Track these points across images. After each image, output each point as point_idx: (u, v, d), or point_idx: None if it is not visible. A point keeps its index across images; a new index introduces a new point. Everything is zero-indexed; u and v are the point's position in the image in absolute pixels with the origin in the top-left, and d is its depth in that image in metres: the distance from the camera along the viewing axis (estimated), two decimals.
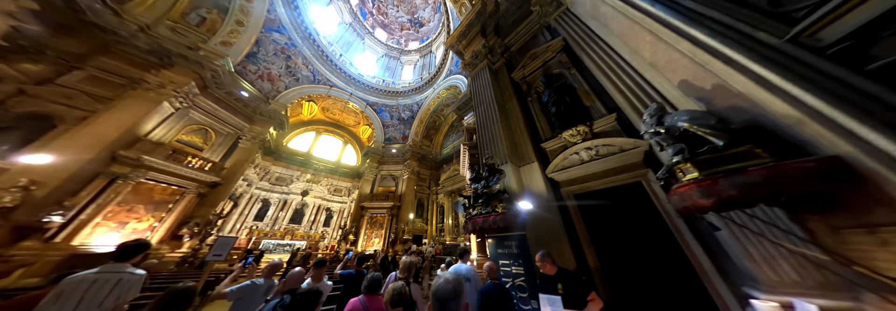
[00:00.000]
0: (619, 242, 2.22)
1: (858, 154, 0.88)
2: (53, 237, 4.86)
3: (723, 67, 1.27)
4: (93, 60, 6.15)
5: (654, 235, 2.02)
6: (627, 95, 2.47)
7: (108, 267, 1.47)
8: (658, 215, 2.06)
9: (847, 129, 0.89)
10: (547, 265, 1.75)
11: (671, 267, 1.84)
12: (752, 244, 1.38)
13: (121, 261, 1.53)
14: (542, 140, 3.41)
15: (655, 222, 2.04)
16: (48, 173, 4.80)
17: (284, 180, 12.59)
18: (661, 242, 1.96)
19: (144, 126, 6.34)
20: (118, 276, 1.45)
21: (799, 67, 1.05)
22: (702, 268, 1.71)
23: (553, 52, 4.04)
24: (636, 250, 2.09)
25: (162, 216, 6.43)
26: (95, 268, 1.46)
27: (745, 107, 1.29)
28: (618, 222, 2.30)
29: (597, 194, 2.57)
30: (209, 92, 8.14)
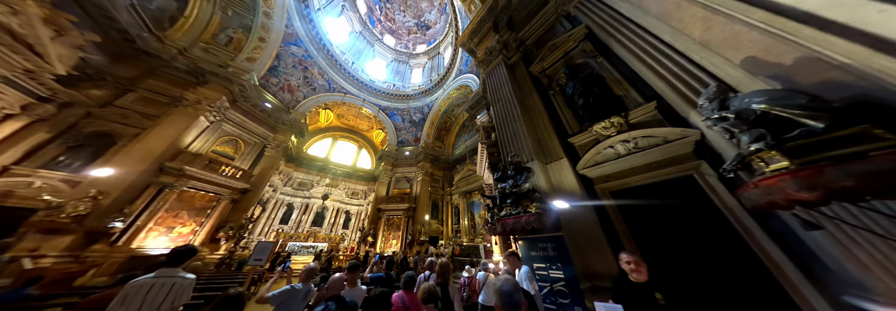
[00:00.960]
0: (668, 243, 1.98)
1: None
2: (116, 241, 5.45)
3: (816, 33, 1.06)
4: (142, 82, 6.89)
5: (713, 235, 1.77)
6: (670, 80, 2.23)
7: (163, 272, 1.56)
8: (717, 212, 1.80)
9: None
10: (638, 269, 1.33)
11: (737, 272, 1.59)
12: (860, 246, 1.13)
13: (173, 266, 1.63)
14: (570, 135, 3.19)
15: (713, 221, 1.78)
16: (111, 184, 5.41)
17: (306, 185, 13.22)
18: (722, 243, 1.71)
19: (185, 139, 6.96)
20: (172, 280, 1.54)
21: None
22: (783, 274, 1.45)
23: (575, 41, 3.81)
24: (691, 252, 1.84)
25: (202, 221, 6.98)
26: (152, 273, 1.55)
27: (847, 81, 1.06)
28: (665, 222, 2.05)
29: (637, 190, 2.33)
30: (238, 105, 8.78)
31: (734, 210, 1.71)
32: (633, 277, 1.35)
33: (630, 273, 1.36)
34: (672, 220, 2.02)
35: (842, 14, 0.94)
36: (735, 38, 1.52)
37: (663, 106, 2.39)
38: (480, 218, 9.36)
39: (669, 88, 2.24)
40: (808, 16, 1.06)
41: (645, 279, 1.32)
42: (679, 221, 1.98)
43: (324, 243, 10.54)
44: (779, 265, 1.46)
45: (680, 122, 2.21)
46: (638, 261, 1.36)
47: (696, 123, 2.01)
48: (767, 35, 1.30)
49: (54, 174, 5.25)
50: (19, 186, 4.92)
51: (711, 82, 1.87)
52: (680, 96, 2.13)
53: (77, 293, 3.46)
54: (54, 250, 4.56)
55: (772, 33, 1.26)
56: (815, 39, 1.08)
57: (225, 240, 7.08)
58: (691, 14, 1.78)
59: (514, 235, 2.65)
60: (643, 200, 2.23)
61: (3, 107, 4.87)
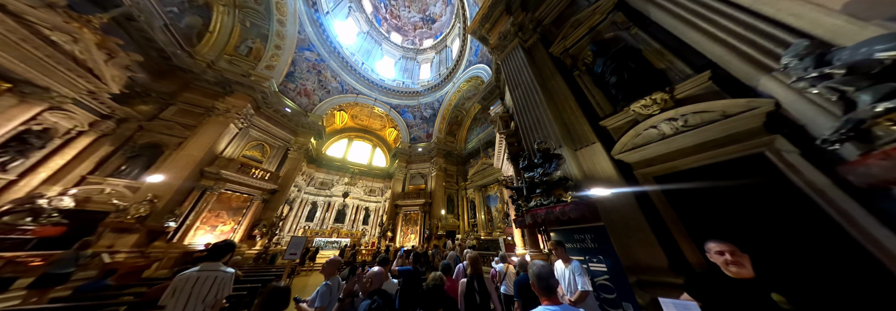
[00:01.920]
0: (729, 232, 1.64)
1: None
2: (172, 239, 6.18)
3: None
4: (180, 96, 7.60)
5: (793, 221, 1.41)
6: (731, 43, 1.83)
7: (206, 266, 1.65)
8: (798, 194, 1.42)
9: None
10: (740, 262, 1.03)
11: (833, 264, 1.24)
12: None
13: (215, 260, 1.70)
14: (601, 118, 2.85)
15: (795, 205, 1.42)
16: (163, 189, 6.10)
17: (327, 184, 13.95)
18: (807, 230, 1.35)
19: (219, 145, 7.60)
20: (215, 274, 1.63)
21: None
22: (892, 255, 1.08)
23: (603, 13, 3.37)
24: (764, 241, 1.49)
25: (239, 220, 7.66)
26: (197, 266, 1.65)
27: None
28: (726, 207, 1.70)
29: (687, 174, 1.99)
30: (261, 111, 9.37)
31: (826, 192, 1.34)
32: (732, 271, 1.04)
33: (725, 267, 1.06)
34: (734, 205, 1.67)
35: None
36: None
37: (720, 75, 1.99)
38: (497, 212, 9.15)
39: (730, 53, 1.84)
40: None
41: (750, 274, 1.01)
42: (743, 206, 1.63)
43: (346, 239, 11.12)
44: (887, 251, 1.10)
45: (744, 92, 1.81)
46: (735, 251, 1.05)
47: (770, 91, 1.61)
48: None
49: (119, 182, 6.04)
50: (94, 192, 5.74)
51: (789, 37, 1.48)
52: (746, 61, 1.74)
53: (144, 284, 3.95)
54: (125, 246, 5.28)
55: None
56: None
57: (260, 237, 7.72)
58: None
59: (547, 226, 2.44)
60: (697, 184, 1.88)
61: (76, 125, 5.65)
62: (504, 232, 7.84)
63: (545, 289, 1.04)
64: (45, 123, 5.21)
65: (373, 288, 1.41)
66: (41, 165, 5.23)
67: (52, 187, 5.31)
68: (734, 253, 1.05)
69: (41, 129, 5.19)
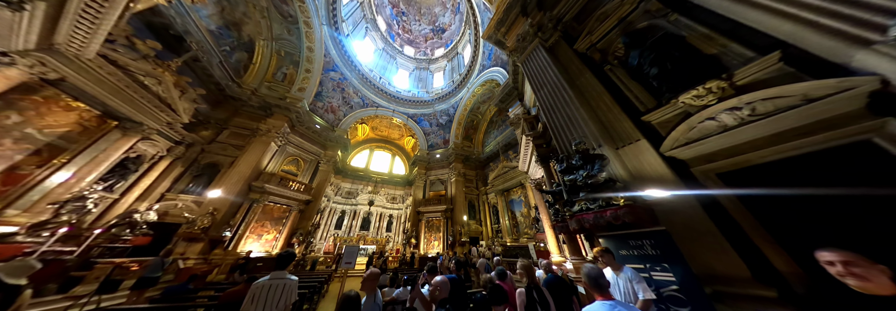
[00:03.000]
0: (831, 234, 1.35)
1: None
2: (228, 247, 7.00)
3: None
4: (231, 121, 8.81)
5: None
6: (805, 17, 1.57)
7: (275, 274, 1.82)
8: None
9: None
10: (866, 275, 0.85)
11: None
12: None
13: (282, 268, 1.87)
14: (642, 113, 2.62)
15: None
16: (220, 203, 7.00)
17: (352, 193, 14.75)
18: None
19: (263, 162, 8.56)
20: (282, 281, 1.80)
21: None
22: None
23: (632, 3, 3.17)
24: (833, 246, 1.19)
25: (280, 229, 8.42)
26: (267, 275, 1.82)
27: None
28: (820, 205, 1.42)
29: (762, 169, 1.71)
30: (296, 129, 10.40)
31: None
32: (854, 285, 0.86)
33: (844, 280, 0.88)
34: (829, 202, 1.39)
35: None
36: None
37: (793, 55, 1.71)
38: (523, 217, 8.73)
39: (807, 29, 1.58)
40: None
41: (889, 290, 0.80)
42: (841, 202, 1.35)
43: (372, 246, 11.50)
44: None
45: (828, 71, 1.53)
46: (856, 261, 0.87)
47: (872, 67, 1.35)
48: None
49: (188, 197, 7.09)
50: (170, 207, 6.80)
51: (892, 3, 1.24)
52: (830, 36, 1.48)
53: (211, 288, 4.50)
54: (193, 253, 6.11)
55: None
56: None
57: (298, 244, 8.36)
58: None
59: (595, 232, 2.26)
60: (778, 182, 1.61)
61: (158, 151, 6.85)
62: (533, 238, 7.42)
63: (597, 287, 1.20)
64: (138, 151, 6.40)
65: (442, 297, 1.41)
66: (135, 185, 6.39)
67: (141, 204, 6.42)
68: (851, 263, 0.86)
69: (136, 156, 6.38)
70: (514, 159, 9.90)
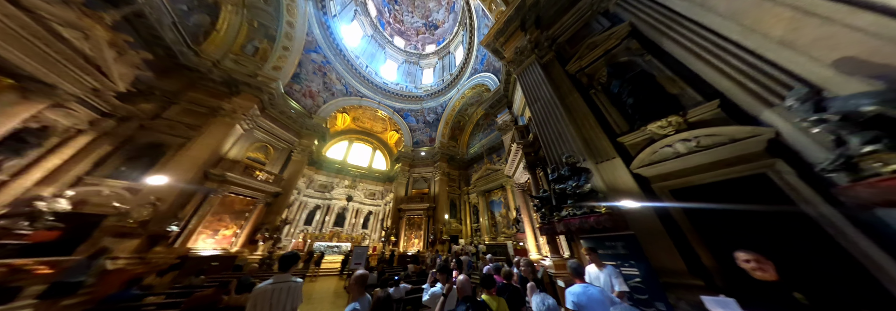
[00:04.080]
0: (739, 239, 1.96)
1: None
2: (173, 244, 5.93)
3: None
4: (184, 95, 7.39)
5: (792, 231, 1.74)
6: (737, 78, 2.20)
7: (278, 277, 1.73)
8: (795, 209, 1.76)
9: None
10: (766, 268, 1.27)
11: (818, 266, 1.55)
12: None
13: (285, 271, 1.78)
14: (618, 134, 3.18)
15: (791, 218, 1.75)
16: (166, 191, 5.88)
17: (326, 186, 13.72)
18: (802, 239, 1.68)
19: (224, 147, 7.42)
20: (287, 284, 1.72)
21: None
22: (880, 269, 1.41)
23: (618, 38, 3.75)
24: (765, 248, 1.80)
25: (242, 224, 7.44)
26: (270, 279, 1.72)
27: None
28: (735, 218, 2.03)
29: (701, 189, 2.31)
30: (267, 113, 9.22)
31: (818, 207, 1.68)
32: (758, 275, 1.27)
33: (752, 272, 1.29)
34: (742, 216, 2.00)
35: None
36: (830, 39, 1.49)
37: (727, 104, 2.35)
38: (501, 217, 9.40)
39: (737, 87, 2.21)
40: None
41: (774, 277, 1.24)
42: (750, 217, 1.96)
43: (347, 243, 10.93)
44: (875, 261, 1.43)
45: (748, 120, 2.17)
46: (761, 259, 1.29)
47: (771, 122, 1.97)
48: (874, 37, 1.27)
49: (118, 183, 5.77)
50: (91, 194, 5.45)
51: (788, 80, 1.84)
52: (750, 95, 2.10)
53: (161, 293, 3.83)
54: (125, 252, 5.04)
55: (882, 36, 1.23)
56: None
57: (262, 241, 7.51)
58: (774, 14, 1.75)
59: (577, 234, 2.68)
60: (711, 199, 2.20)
61: (76, 123, 5.39)
62: (512, 237, 8.07)
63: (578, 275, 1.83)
64: (44, 121, 4.95)
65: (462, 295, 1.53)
66: (36, 165, 4.94)
67: (46, 189, 5.00)
68: (760, 260, 1.31)
69: (39, 127, 4.92)
70: (497, 162, 10.51)
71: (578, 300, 1.64)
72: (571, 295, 1.68)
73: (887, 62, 1.29)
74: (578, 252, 2.93)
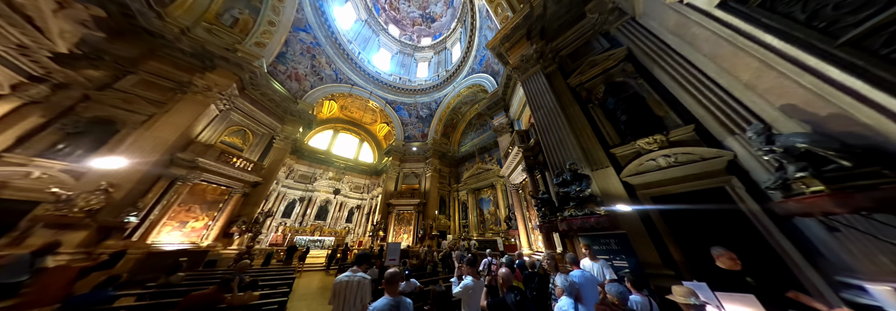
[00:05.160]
0: (700, 238, 2.55)
1: None
2: (130, 236, 5.16)
3: (853, 102, 1.55)
4: (144, 64, 6.25)
5: (738, 233, 2.36)
6: (710, 109, 2.75)
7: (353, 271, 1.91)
8: (742, 216, 2.38)
9: None
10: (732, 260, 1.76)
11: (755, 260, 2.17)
12: (855, 242, 1.70)
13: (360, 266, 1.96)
14: (611, 146, 3.68)
15: (739, 222, 2.37)
16: (122, 176, 5.04)
17: (308, 177, 12.86)
18: (744, 239, 2.30)
19: (196, 129, 6.53)
20: (358, 278, 1.88)
21: None
22: (792, 261, 2.04)
23: (615, 60, 4.23)
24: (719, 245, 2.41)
25: (214, 215, 6.72)
26: (347, 272, 1.88)
27: (866, 134, 1.58)
28: (698, 222, 2.63)
29: (675, 197, 2.89)
30: (246, 93, 8.26)
31: (757, 214, 2.29)
32: (727, 265, 1.77)
33: (723, 263, 1.78)
34: (704, 220, 2.59)
35: (879, 96, 1.43)
36: (781, 89, 2.02)
37: (700, 129, 2.94)
38: (490, 214, 9.98)
39: (709, 116, 2.78)
40: (852, 91, 1.55)
41: (739, 268, 1.74)
42: (710, 221, 2.56)
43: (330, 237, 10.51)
44: (790, 255, 2.06)
45: (714, 143, 2.76)
46: (732, 255, 1.78)
47: (731, 147, 2.56)
48: (811, 93, 1.80)
49: (53, 164, 4.77)
50: (15, 176, 4.43)
51: (748, 116, 2.42)
52: (719, 124, 2.67)
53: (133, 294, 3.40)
54: (69, 246, 4.27)
55: (816, 94, 1.76)
56: (850, 105, 1.59)
57: (238, 235, 6.90)
58: (745, 63, 2.26)
59: (576, 232, 3.11)
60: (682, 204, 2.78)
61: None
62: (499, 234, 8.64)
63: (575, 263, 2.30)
64: None
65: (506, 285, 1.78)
66: None
67: None
68: (730, 256, 1.81)
69: None
70: (489, 161, 10.99)
71: (577, 280, 2.09)
72: (572, 276, 2.13)
73: (815, 112, 1.83)
74: (574, 247, 3.38)
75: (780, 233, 2.15)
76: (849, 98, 1.58)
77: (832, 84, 1.63)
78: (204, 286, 3.65)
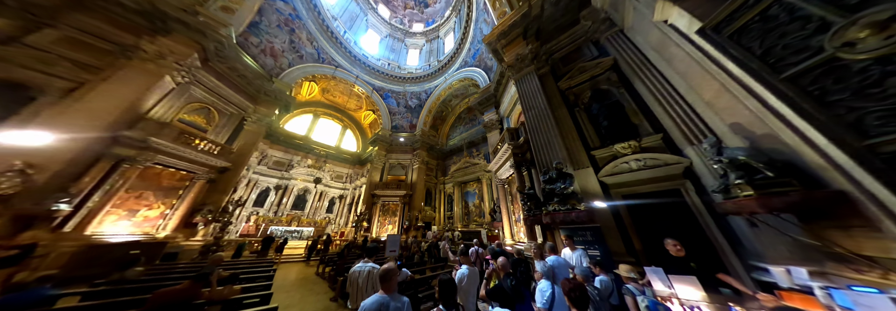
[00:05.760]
0: (658, 231, 3.05)
1: (853, 190, 1.62)
2: (61, 227, 4.40)
3: (781, 125, 1.95)
4: (67, 16, 5.01)
5: (686, 227, 2.88)
6: (677, 121, 3.18)
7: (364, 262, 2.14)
8: (690, 213, 2.90)
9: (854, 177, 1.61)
10: (679, 249, 2.27)
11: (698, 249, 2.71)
12: (765, 235, 2.21)
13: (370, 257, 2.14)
14: (592, 148, 4.09)
15: (687, 218, 2.89)
16: (47, 156, 4.18)
17: (283, 164, 11.91)
18: (690, 231, 2.82)
19: (146, 102, 5.57)
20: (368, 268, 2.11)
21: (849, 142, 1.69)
22: (722, 249, 2.58)
23: (602, 69, 4.56)
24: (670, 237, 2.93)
25: (173, 203, 5.99)
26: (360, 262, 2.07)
27: (785, 152, 2.01)
28: (657, 217, 3.13)
29: (641, 195, 3.37)
30: (211, 66, 7.17)
31: (702, 212, 2.80)
32: (675, 252, 2.23)
33: (672, 251, 2.23)
34: (661, 216, 3.09)
35: (799, 123, 1.82)
36: (733, 109, 2.42)
37: (666, 138, 3.40)
38: (474, 207, 10.42)
39: (675, 127, 3.21)
40: (782, 116, 1.94)
41: (683, 254, 2.23)
42: (665, 217, 3.06)
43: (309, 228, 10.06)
44: (720, 244, 2.59)
45: (676, 151, 3.24)
46: (678, 244, 2.24)
47: (689, 155, 3.03)
48: (753, 115, 2.20)
49: None
50: None
51: (705, 130, 2.86)
52: (682, 134, 3.11)
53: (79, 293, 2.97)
54: None
55: (756, 116, 2.16)
56: (778, 128, 1.98)
57: (204, 224, 6.28)
58: (708, 83, 2.64)
59: (558, 225, 3.47)
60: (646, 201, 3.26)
61: None
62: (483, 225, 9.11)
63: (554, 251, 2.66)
64: None
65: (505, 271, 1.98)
66: None
67: None
68: (677, 245, 2.24)
69: None
70: (476, 156, 11.27)
71: (553, 263, 2.48)
72: (549, 260, 2.52)
73: (754, 131, 2.26)
74: (554, 238, 3.78)
75: (717, 228, 2.67)
76: (778, 122, 1.97)
77: (769, 109, 2.01)
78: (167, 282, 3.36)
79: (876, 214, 1.54)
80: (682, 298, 1.82)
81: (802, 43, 1.57)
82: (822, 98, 1.52)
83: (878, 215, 1.53)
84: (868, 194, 1.55)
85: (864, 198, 1.57)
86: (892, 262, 1.51)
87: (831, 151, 1.62)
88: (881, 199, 1.47)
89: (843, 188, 1.68)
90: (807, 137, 1.81)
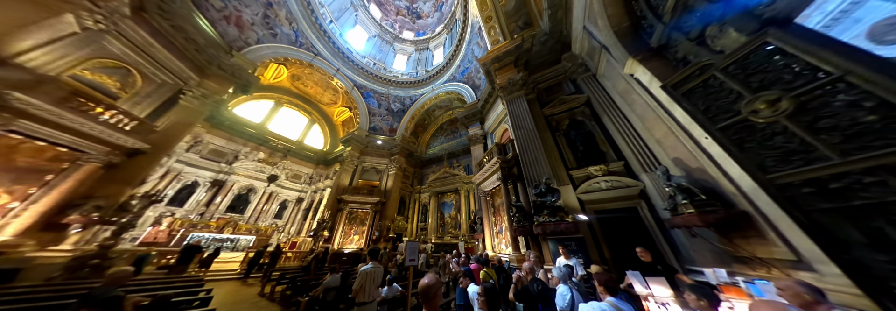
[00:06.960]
0: (622, 241, 3.68)
1: (751, 210, 2.37)
2: None
3: (708, 162, 2.74)
4: None
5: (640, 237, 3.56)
6: (635, 152, 4.05)
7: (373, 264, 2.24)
8: (644, 226, 3.62)
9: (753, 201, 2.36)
10: (647, 255, 2.71)
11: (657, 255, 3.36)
12: (697, 244, 2.94)
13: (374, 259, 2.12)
14: (571, 168, 4.77)
15: (641, 230, 3.59)
16: None
17: (223, 154, 9.56)
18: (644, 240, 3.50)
19: (17, 42, 3.90)
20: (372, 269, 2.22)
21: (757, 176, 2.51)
22: (667, 254, 3.27)
23: (578, 103, 5.53)
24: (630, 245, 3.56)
25: (29, 193, 4.06)
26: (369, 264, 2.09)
27: (710, 182, 2.81)
28: (621, 230, 3.78)
29: (609, 211, 4.04)
30: (144, 17, 5.61)
31: (653, 225, 3.53)
32: (644, 258, 2.72)
33: (641, 257, 2.72)
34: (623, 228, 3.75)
35: (723, 161, 2.60)
36: (675, 146, 3.27)
37: (627, 165, 4.25)
38: (450, 218, 10.27)
39: (633, 156, 4.08)
40: (709, 155, 2.74)
41: (650, 260, 2.71)
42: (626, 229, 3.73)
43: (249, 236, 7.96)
44: (665, 250, 3.28)
45: (634, 176, 4.06)
46: (645, 251, 2.75)
47: (643, 180, 3.85)
48: (689, 152, 3.03)
49: None
50: None
51: (654, 161, 3.73)
52: (638, 163, 3.96)
53: None
54: None
55: (691, 153, 2.98)
56: (707, 163, 2.79)
57: (81, 227, 4.38)
58: (659, 125, 3.52)
59: (548, 235, 3.77)
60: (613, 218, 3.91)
61: None
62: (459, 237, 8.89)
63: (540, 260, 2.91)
64: None
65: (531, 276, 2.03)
66: None
67: None
68: (645, 252, 2.75)
69: None
70: (457, 167, 11.43)
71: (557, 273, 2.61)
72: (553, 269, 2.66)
73: (689, 164, 3.09)
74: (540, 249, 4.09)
75: (663, 238, 3.38)
76: (706, 159, 2.76)
77: (700, 149, 2.82)
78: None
79: (764, 226, 2.27)
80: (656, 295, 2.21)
81: (729, 106, 2.31)
82: (741, 144, 2.24)
83: (765, 227, 2.26)
84: (760, 213, 2.28)
85: (757, 216, 2.31)
86: (774, 260, 2.21)
87: (743, 181, 2.36)
88: (769, 215, 2.19)
89: (745, 209, 2.42)
90: (725, 171, 2.58)
